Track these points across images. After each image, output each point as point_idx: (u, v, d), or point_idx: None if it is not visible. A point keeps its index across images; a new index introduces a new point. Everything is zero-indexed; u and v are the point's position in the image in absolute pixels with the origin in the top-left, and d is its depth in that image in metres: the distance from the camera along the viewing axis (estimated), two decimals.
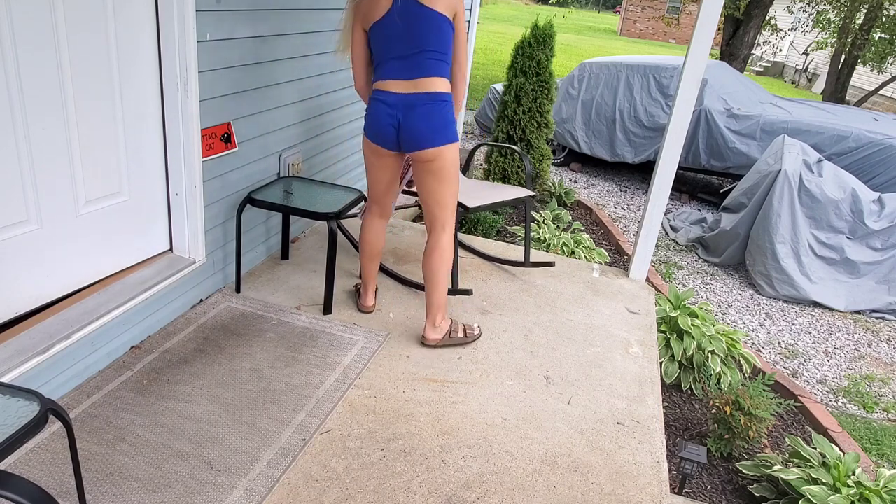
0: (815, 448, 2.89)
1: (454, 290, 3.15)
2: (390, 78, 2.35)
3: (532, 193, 3.37)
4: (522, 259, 3.62)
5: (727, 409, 3.09)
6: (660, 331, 3.64)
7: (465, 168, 3.86)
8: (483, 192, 3.27)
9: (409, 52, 2.31)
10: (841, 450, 3.21)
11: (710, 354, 3.55)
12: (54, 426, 1.99)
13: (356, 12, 2.39)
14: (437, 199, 2.47)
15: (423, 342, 2.69)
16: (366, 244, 2.76)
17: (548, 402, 2.47)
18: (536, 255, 3.79)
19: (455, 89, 2.44)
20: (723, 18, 10.50)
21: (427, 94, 2.32)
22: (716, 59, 10.50)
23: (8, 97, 1.89)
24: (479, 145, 3.88)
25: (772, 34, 12.46)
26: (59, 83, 2.04)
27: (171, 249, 2.70)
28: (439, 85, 2.34)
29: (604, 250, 5.01)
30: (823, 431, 3.43)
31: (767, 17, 11.07)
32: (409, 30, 2.29)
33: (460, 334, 2.72)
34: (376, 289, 2.95)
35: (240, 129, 2.82)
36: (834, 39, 12.25)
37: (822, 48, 12.91)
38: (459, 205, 3.01)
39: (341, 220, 3.69)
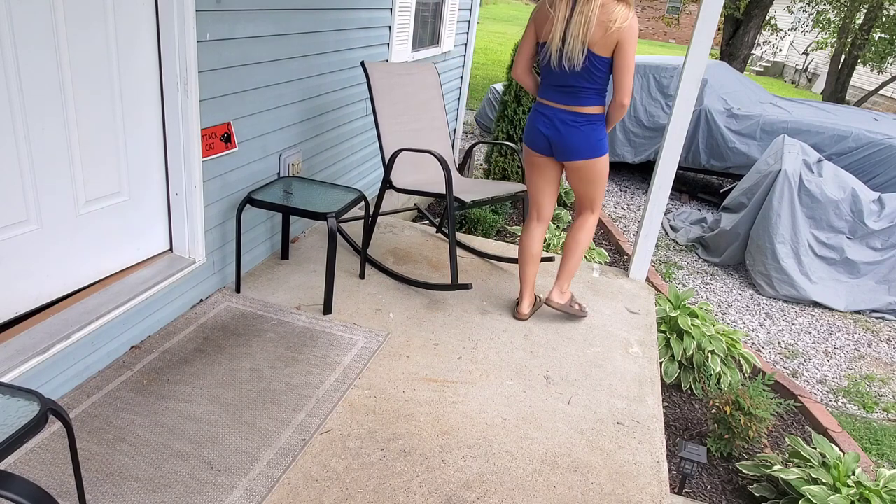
0: (815, 448, 2.89)
1: (454, 285, 3.13)
2: (548, 99, 2.67)
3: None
4: None
5: (727, 409, 3.09)
6: (660, 331, 3.64)
7: (463, 167, 3.85)
8: (480, 188, 3.28)
9: (563, 84, 2.59)
10: (841, 450, 3.21)
11: (710, 354, 3.55)
12: (54, 426, 1.99)
13: (534, 16, 2.64)
14: (586, 194, 2.84)
15: (548, 303, 2.93)
16: (522, 247, 2.99)
17: (548, 401, 2.47)
18: None
19: (610, 111, 2.65)
20: (723, 18, 10.50)
21: (579, 114, 2.62)
22: (716, 59, 10.50)
23: (8, 97, 1.89)
24: (476, 143, 3.85)
25: (772, 34, 12.48)
26: (59, 83, 2.04)
27: (171, 249, 2.70)
28: (590, 109, 2.61)
29: (604, 250, 5.02)
30: (823, 431, 3.44)
31: (767, 17, 11.08)
32: (562, 66, 2.54)
33: (576, 307, 2.99)
34: (537, 299, 3.07)
35: (240, 129, 2.82)
36: (834, 39, 12.26)
37: (822, 48, 12.92)
38: (456, 199, 2.99)
39: (341, 223, 3.69)
